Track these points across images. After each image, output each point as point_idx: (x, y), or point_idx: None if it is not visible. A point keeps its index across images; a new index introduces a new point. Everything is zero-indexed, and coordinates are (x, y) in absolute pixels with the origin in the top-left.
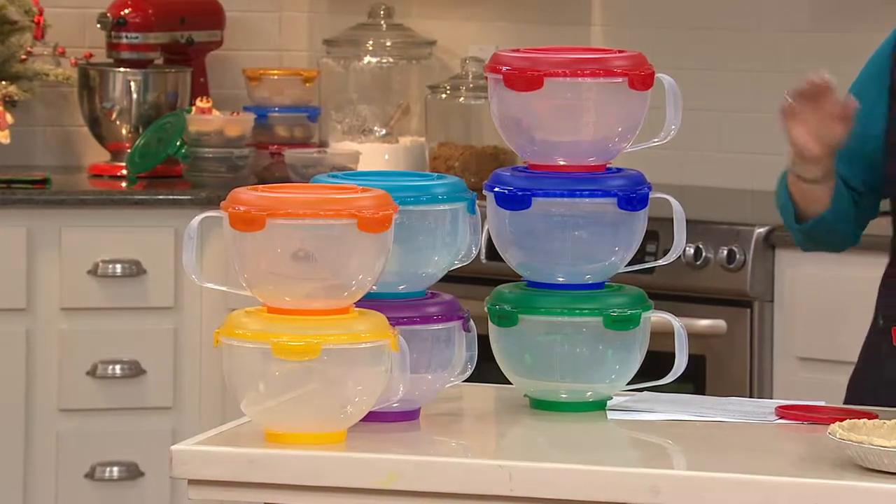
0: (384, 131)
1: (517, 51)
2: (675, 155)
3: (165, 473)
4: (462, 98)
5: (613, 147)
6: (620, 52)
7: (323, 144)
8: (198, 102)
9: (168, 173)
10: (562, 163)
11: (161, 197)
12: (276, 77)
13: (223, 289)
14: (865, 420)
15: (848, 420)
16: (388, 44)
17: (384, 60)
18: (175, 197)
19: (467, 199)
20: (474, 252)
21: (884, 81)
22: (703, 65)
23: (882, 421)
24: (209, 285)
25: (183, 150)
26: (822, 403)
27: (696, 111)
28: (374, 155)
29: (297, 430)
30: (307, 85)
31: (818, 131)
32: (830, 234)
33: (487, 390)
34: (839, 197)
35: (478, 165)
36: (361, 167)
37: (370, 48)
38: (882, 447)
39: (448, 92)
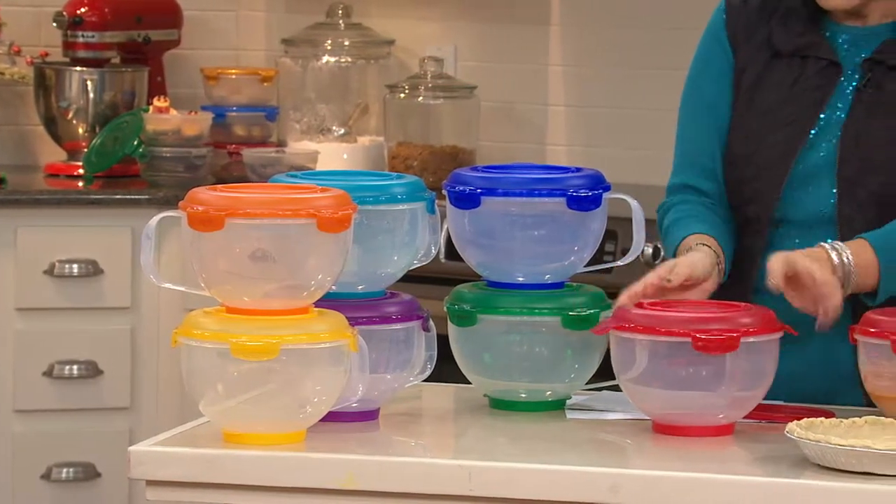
0: (343, 131)
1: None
2: (635, 155)
3: (123, 474)
4: (421, 97)
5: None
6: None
7: (281, 144)
8: (155, 102)
9: (125, 173)
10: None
11: (118, 197)
12: (233, 76)
13: (181, 289)
14: (823, 419)
15: (805, 419)
16: (347, 43)
17: (342, 60)
18: (132, 197)
19: (426, 198)
20: (434, 252)
21: (726, 62)
22: (663, 64)
23: (839, 419)
24: (167, 285)
25: (140, 150)
26: (780, 402)
27: (657, 111)
28: (333, 154)
29: (255, 431)
30: (265, 84)
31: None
32: None
33: (447, 390)
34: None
35: (437, 165)
36: (320, 167)
37: (328, 47)
38: (839, 445)
39: (407, 91)
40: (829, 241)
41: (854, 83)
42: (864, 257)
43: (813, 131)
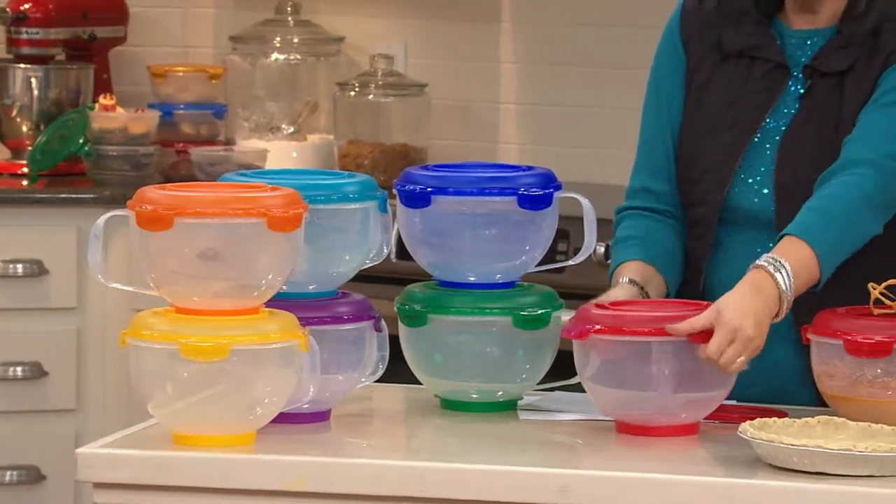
0: (292, 129)
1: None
2: (586, 153)
3: (68, 477)
4: (371, 95)
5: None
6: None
7: (229, 142)
8: (101, 99)
9: (70, 171)
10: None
11: (63, 196)
12: (181, 74)
13: (130, 289)
14: (776, 419)
15: (759, 419)
16: (296, 40)
17: (291, 57)
18: (78, 196)
19: (378, 197)
20: (385, 251)
21: (679, 63)
22: (616, 63)
23: (792, 419)
24: (115, 285)
25: (86, 148)
26: (733, 402)
27: (609, 109)
28: (282, 153)
29: (205, 432)
30: (213, 82)
31: None
32: None
33: (398, 391)
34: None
35: (387, 163)
36: (269, 165)
37: (277, 45)
38: (792, 445)
39: (357, 89)
40: (766, 256)
41: (800, 86)
42: (801, 255)
43: (757, 136)
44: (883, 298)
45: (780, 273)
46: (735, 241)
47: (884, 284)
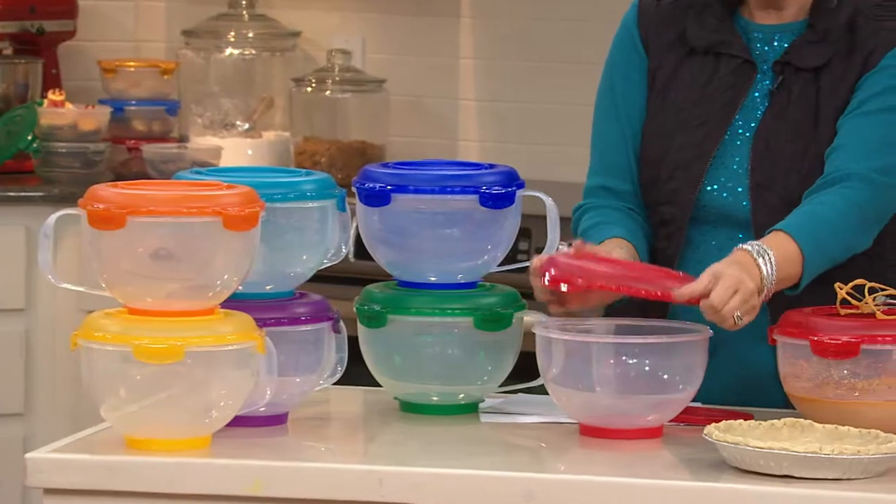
0: (247, 125)
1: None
2: (549, 150)
3: (16, 483)
4: (328, 91)
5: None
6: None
7: (183, 139)
8: (50, 95)
9: (18, 169)
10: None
11: (11, 194)
12: (132, 69)
13: (80, 289)
14: (742, 421)
15: (724, 421)
16: (251, 35)
17: (246, 52)
18: (26, 194)
19: (336, 195)
20: (344, 251)
21: (639, 61)
22: (578, 58)
23: (758, 422)
24: (66, 286)
25: (34, 145)
26: (698, 405)
27: (572, 105)
28: (237, 150)
29: (159, 436)
30: (165, 77)
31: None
32: None
33: (357, 393)
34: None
35: (344, 161)
36: (223, 163)
37: (231, 39)
38: (758, 448)
39: (313, 85)
40: (751, 242)
41: (768, 82)
42: (786, 249)
43: (727, 134)
44: (850, 299)
45: (763, 258)
46: (707, 239)
47: (850, 284)
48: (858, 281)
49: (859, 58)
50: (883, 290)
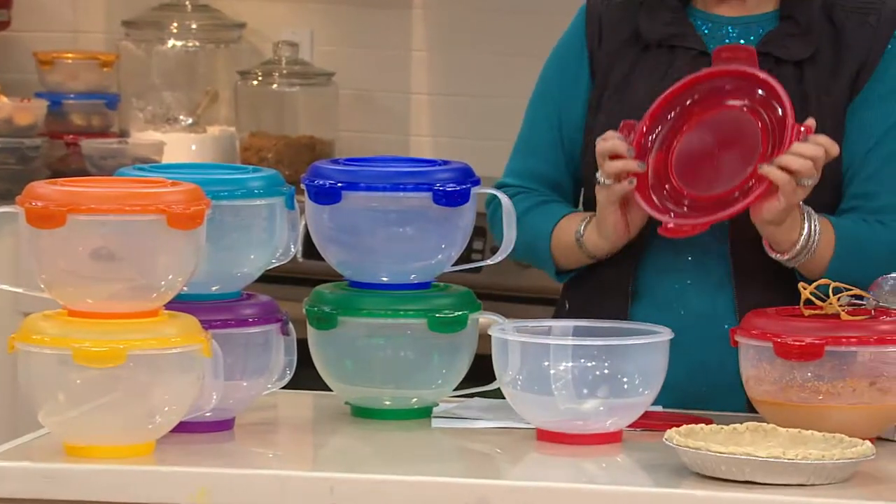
0: (190, 120)
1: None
2: (504, 146)
3: None
4: (275, 85)
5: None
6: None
7: (123, 134)
8: None
9: None
10: None
11: None
12: (70, 61)
13: (18, 290)
14: (703, 425)
15: (685, 425)
16: (194, 26)
17: (189, 44)
18: None
19: (285, 193)
20: (293, 250)
21: (581, 61)
22: (533, 50)
23: (719, 426)
24: (3, 287)
25: None
26: (658, 408)
27: (524, 99)
28: (180, 145)
29: (100, 443)
30: (105, 70)
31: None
32: None
33: (306, 398)
34: None
35: (292, 157)
36: (166, 159)
37: (174, 30)
38: (719, 453)
39: (260, 78)
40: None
41: None
42: (826, 237)
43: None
44: (813, 299)
45: (812, 220)
46: (670, 240)
47: (814, 284)
48: (822, 280)
49: (851, 57)
50: (847, 289)
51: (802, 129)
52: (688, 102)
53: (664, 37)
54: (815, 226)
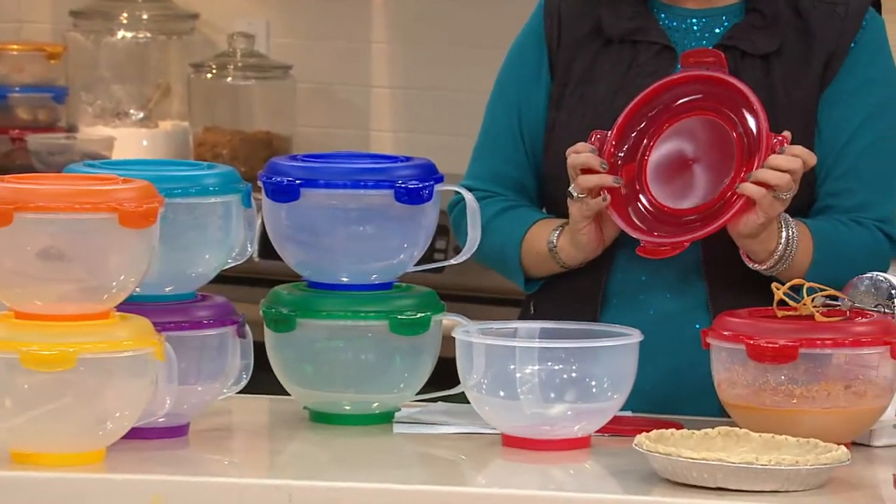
0: (141, 114)
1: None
2: (468, 142)
3: None
4: (230, 78)
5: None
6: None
7: (71, 129)
8: None
9: None
10: None
11: None
12: (15, 52)
13: None
14: (673, 430)
15: (655, 430)
16: (145, 16)
17: (140, 35)
18: None
19: (241, 190)
20: (249, 250)
21: (540, 57)
22: (497, 42)
23: (691, 431)
24: None
25: None
26: (628, 413)
27: (489, 93)
28: (131, 141)
29: (49, 450)
30: (52, 62)
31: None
32: None
33: (263, 402)
34: None
35: (248, 153)
36: (116, 155)
37: (124, 21)
38: (690, 459)
39: (214, 71)
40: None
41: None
42: (804, 243)
43: None
44: (787, 300)
45: (790, 228)
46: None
47: (788, 284)
48: (796, 281)
49: (820, 49)
50: (822, 290)
51: (777, 139)
52: (657, 110)
53: (627, 31)
54: (793, 233)
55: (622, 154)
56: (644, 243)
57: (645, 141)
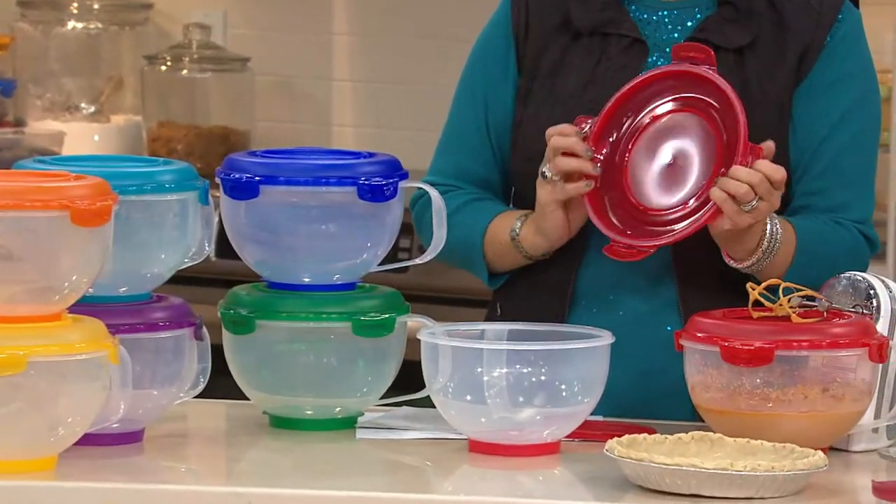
0: (93, 108)
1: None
2: (434, 137)
3: None
4: (185, 71)
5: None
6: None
7: (19, 123)
8: None
9: None
10: None
11: None
12: None
13: None
14: (646, 435)
15: (627, 435)
16: (96, 6)
17: (91, 26)
18: None
19: (198, 187)
20: (207, 249)
21: (507, 50)
22: (464, 35)
23: (663, 436)
24: None
25: None
26: (599, 418)
27: (455, 87)
28: (82, 136)
29: None
30: None
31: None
32: None
33: (221, 408)
34: None
35: (204, 148)
36: (66, 150)
37: (74, 11)
38: (664, 465)
39: (168, 63)
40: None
41: (662, 62)
42: (786, 246)
43: None
44: (763, 301)
45: (773, 223)
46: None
47: (763, 284)
48: (772, 280)
49: (795, 41)
50: (799, 290)
51: (752, 151)
52: (640, 103)
53: (597, 23)
54: (777, 231)
55: (610, 140)
56: (612, 243)
57: (626, 136)
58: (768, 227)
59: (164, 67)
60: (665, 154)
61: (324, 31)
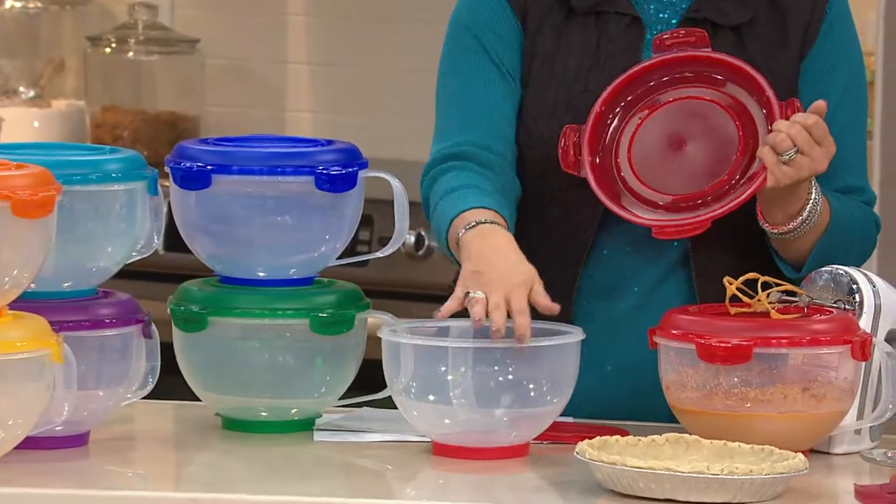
0: (32, 93)
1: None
2: (395, 124)
3: None
4: (131, 53)
5: None
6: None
7: None
8: None
9: None
10: None
11: None
12: None
13: None
14: (618, 437)
15: (598, 437)
16: None
17: (31, 5)
18: None
19: (147, 177)
20: (156, 242)
21: (509, 23)
22: (427, 16)
23: (637, 438)
24: None
25: None
26: (568, 419)
27: (422, 72)
28: (21, 121)
29: None
30: None
31: None
32: None
33: (171, 409)
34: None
35: (151, 135)
36: (4, 137)
37: None
38: (637, 468)
39: (113, 45)
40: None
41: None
42: (824, 207)
43: None
44: (741, 295)
45: (818, 192)
46: (623, 229)
47: (741, 279)
48: (751, 275)
49: (793, 16)
50: (778, 284)
51: (790, 103)
52: (631, 98)
53: (594, 2)
54: (819, 200)
55: (605, 137)
56: (662, 226)
57: (628, 125)
58: (813, 194)
59: (108, 49)
60: (670, 140)
61: (278, 12)
